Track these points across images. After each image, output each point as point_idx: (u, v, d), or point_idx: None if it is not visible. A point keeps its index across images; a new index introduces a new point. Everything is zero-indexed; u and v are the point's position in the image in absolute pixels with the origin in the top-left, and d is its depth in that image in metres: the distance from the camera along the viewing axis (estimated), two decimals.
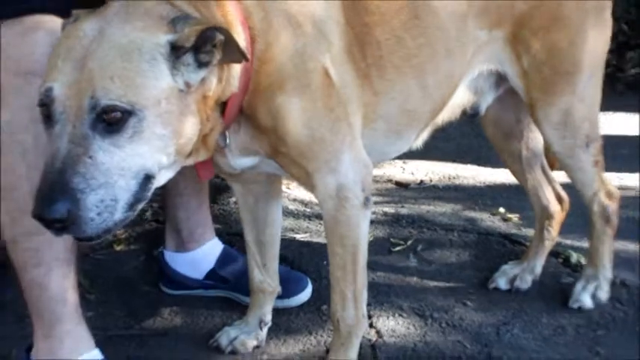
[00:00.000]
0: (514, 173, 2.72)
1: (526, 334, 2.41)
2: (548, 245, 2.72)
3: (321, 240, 2.96)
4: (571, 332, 2.42)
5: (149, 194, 1.68)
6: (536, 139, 2.61)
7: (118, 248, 2.92)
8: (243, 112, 1.88)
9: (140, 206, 1.68)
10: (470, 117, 2.46)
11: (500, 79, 2.37)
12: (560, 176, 2.65)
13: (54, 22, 1.87)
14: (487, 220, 3.19)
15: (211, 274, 2.59)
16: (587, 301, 2.52)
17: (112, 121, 1.57)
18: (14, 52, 1.82)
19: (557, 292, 2.63)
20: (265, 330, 2.36)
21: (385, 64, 2.08)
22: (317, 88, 1.90)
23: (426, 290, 2.67)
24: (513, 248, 2.95)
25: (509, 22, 2.25)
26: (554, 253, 2.86)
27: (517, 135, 2.61)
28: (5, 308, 2.38)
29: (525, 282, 2.67)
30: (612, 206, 2.52)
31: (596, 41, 2.35)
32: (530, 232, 3.04)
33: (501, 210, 3.22)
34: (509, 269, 2.72)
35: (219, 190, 3.32)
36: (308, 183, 2.00)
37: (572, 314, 2.50)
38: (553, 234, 2.70)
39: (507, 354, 2.31)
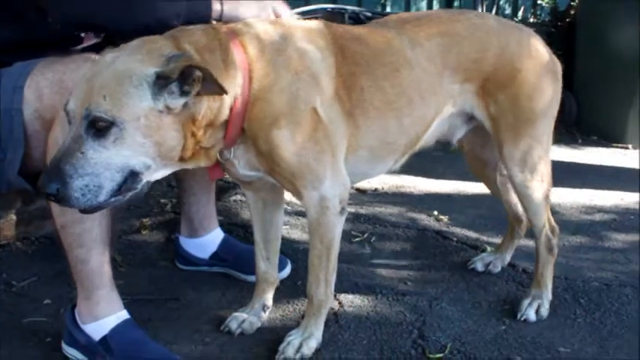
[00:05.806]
0: (490, 189, 2.59)
1: (452, 307, 2.38)
2: (517, 242, 2.64)
3: (298, 232, 2.94)
4: (485, 306, 2.40)
5: (138, 186, 1.68)
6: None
7: (144, 233, 2.88)
8: (248, 137, 1.84)
9: (130, 194, 1.68)
10: (443, 145, 2.35)
11: (470, 118, 2.24)
12: None
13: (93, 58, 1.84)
14: (424, 219, 3.15)
15: (214, 255, 2.54)
16: (531, 315, 2.33)
17: (99, 128, 1.59)
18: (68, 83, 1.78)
19: (476, 276, 2.61)
20: (267, 313, 2.24)
21: (367, 106, 2.00)
22: (306, 124, 1.86)
23: (377, 272, 2.64)
24: (443, 242, 2.92)
25: (477, 79, 2.15)
26: (473, 247, 2.85)
27: (492, 165, 2.49)
28: (60, 276, 2.34)
29: (496, 267, 2.61)
30: (554, 240, 2.37)
31: (549, 94, 2.22)
32: (456, 229, 3.03)
33: (435, 212, 3.20)
34: (486, 256, 2.65)
35: (222, 190, 3.29)
36: (297, 195, 1.97)
37: (486, 293, 2.48)
38: (521, 234, 2.61)
39: (437, 322, 2.29)
